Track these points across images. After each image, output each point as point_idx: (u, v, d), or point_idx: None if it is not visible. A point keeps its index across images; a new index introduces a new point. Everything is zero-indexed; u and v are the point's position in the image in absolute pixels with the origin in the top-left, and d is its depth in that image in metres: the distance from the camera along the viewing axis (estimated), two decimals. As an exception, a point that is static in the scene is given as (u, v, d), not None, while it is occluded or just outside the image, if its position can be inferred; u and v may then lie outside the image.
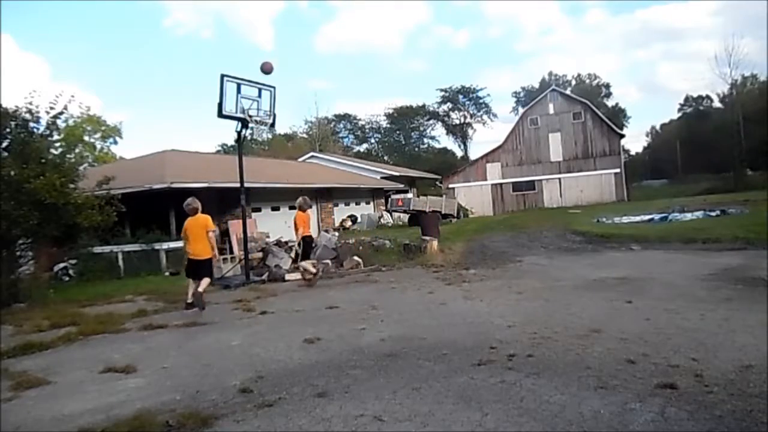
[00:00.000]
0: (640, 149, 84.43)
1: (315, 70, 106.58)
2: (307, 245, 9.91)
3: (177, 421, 3.52)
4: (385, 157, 63.21)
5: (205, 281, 7.92)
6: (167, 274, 13.00)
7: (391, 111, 68.02)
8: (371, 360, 4.74)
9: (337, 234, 16.09)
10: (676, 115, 72.39)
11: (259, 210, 18.95)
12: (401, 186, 31.74)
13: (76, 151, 22.17)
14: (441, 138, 71.71)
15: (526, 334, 5.27)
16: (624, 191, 37.07)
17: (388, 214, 27.30)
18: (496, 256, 12.38)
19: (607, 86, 75.24)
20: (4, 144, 10.35)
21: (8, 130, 10.21)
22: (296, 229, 9.85)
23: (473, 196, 38.42)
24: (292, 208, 21.24)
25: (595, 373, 3.99)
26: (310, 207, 10.57)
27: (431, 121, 70.45)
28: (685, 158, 61.94)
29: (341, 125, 67.47)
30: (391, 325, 6.14)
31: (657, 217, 18.79)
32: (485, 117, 69.85)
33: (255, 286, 9.86)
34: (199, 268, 8.01)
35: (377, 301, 7.61)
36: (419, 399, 3.71)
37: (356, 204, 27.77)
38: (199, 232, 8.11)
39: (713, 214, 18.22)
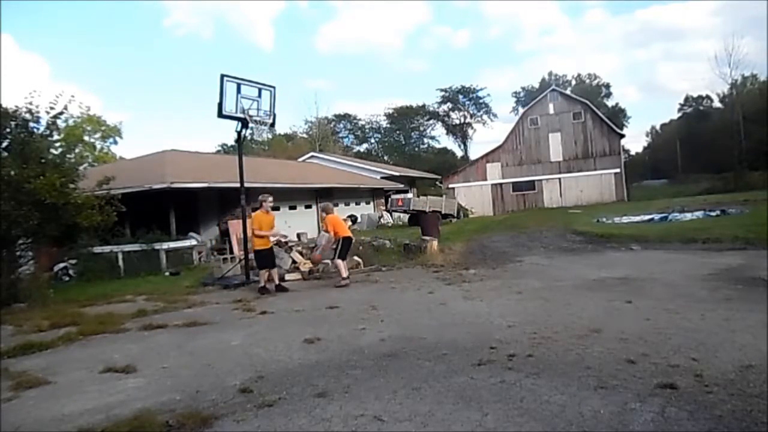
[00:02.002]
0: (640, 149, 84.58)
1: (315, 70, 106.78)
2: (346, 245, 9.96)
3: (177, 421, 3.52)
4: (385, 157, 63.21)
5: (261, 273, 9.43)
6: (167, 274, 12.99)
7: (391, 111, 68.13)
8: (371, 360, 4.74)
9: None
10: (676, 115, 72.50)
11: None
12: (401, 186, 31.74)
13: (76, 151, 22.13)
14: (441, 138, 71.86)
15: (526, 334, 5.27)
16: (624, 191, 37.08)
17: (388, 214, 27.31)
18: (496, 256, 12.38)
19: (607, 86, 75.35)
20: (4, 144, 10.35)
21: (8, 130, 10.21)
22: (329, 230, 10.17)
23: (473, 196, 38.42)
24: (292, 207, 21.31)
25: (595, 373, 3.99)
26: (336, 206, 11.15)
27: (431, 121, 70.51)
28: (685, 158, 61.93)
29: (341, 125, 67.48)
30: (391, 325, 6.14)
31: (657, 217, 18.78)
32: (485, 117, 69.99)
33: (255, 286, 9.84)
34: (255, 259, 9.69)
35: (377, 301, 7.61)
36: (419, 399, 3.71)
37: (356, 204, 27.77)
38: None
39: (713, 214, 18.21)
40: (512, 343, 4.98)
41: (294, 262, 11.38)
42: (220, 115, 10.06)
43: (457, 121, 70.10)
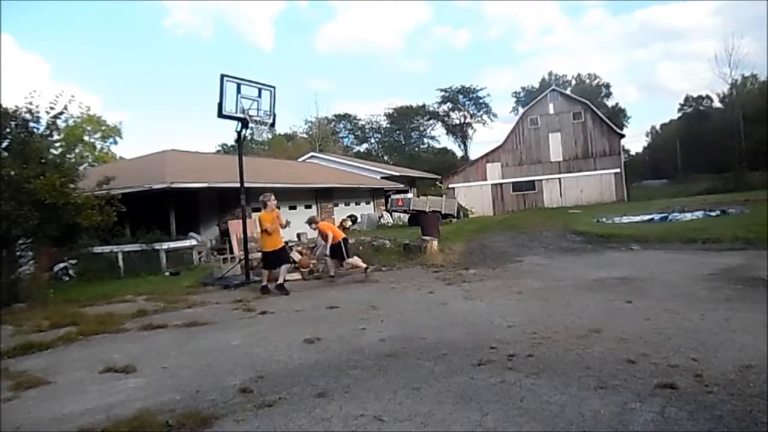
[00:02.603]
0: (640, 149, 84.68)
1: (315, 70, 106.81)
2: (346, 245, 10.40)
3: (177, 421, 3.52)
4: (385, 157, 63.21)
5: (264, 272, 9.50)
6: (167, 274, 12.99)
7: (391, 111, 68.13)
8: (371, 360, 4.74)
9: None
10: (676, 115, 72.58)
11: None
12: (401, 186, 31.71)
13: (76, 151, 22.12)
14: (441, 138, 71.88)
15: (526, 334, 5.27)
16: (624, 191, 37.08)
17: (388, 214, 27.27)
18: (496, 256, 12.37)
19: (607, 86, 75.35)
20: (4, 144, 10.35)
21: (8, 130, 10.21)
22: (327, 237, 10.30)
23: (473, 196, 38.41)
24: (292, 207, 21.27)
25: (595, 373, 3.99)
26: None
27: (431, 121, 70.52)
28: (685, 158, 61.99)
29: (341, 125, 67.49)
30: (391, 325, 6.13)
31: (657, 217, 18.76)
32: (485, 117, 70.03)
33: (255, 286, 9.85)
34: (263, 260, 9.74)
35: (377, 301, 7.60)
36: (419, 399, 3.70)
37: (356, 204, 27.75)
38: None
39: (713, 214, 18.19)
40: (512, 343, 4.98)
41: (294, 262, 11.38)
42: (220, 115, 10.06)
43: (457, 121, 70.14)
